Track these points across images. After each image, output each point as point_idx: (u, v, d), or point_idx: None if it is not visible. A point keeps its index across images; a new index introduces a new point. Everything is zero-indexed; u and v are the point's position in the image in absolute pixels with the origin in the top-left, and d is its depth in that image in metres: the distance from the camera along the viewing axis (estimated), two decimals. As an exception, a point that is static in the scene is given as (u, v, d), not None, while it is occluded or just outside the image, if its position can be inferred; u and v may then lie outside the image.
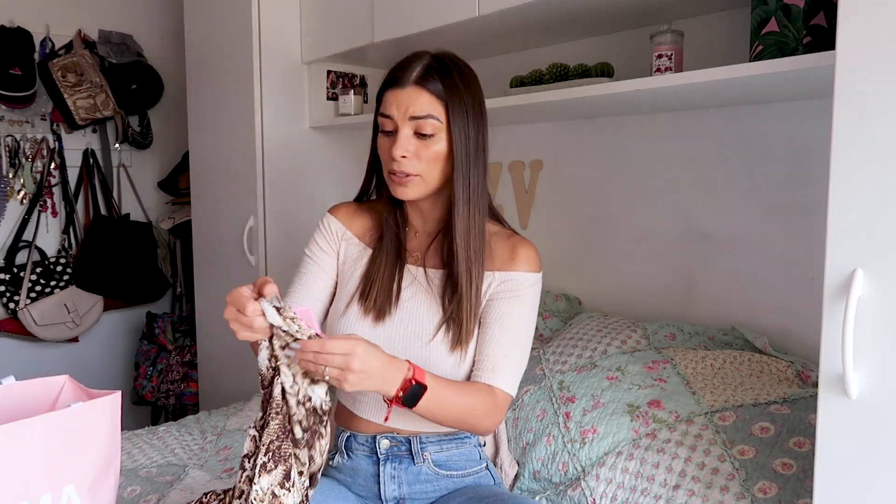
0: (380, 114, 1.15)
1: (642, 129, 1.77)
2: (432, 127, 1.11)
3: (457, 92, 1.12)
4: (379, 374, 0.97)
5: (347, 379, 0.94)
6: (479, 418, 1.11)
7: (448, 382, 1.07)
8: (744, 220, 1.59)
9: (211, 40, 2.33)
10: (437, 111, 1.10)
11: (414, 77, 1.11)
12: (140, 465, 1.60)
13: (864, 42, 0.87)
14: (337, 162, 2.39)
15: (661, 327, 1.61)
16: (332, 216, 1.30)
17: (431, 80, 1.11)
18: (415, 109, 1.10)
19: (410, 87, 1.11)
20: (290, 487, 0.96)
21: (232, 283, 2.40)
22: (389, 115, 1.13)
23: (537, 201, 2.03)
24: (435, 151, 1.12)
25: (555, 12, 1.62)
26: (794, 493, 1.11)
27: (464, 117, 1.12)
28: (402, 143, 1.11)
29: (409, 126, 1.11)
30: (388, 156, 1.14)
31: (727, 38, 1.55)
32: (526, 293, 1.17)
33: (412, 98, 1.10)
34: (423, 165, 1.12)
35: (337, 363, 0.93)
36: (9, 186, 2.66)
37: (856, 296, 0.88)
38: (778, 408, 1.27)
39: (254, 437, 0.98)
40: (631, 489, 1.25)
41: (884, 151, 0.86)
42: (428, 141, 1.11)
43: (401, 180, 1.13)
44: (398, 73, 1.13)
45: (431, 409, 1.04)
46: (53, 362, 2.80)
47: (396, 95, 1.12)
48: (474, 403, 1.09)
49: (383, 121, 1.14)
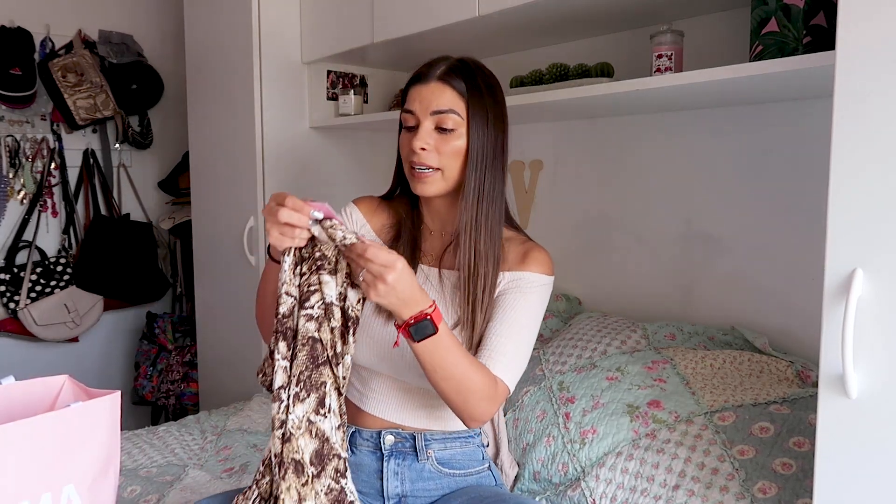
0: (404, 109, 1.17)
1: (642, 129, 1.77)
2: (453, 122, 1.13)
3: (478, 91, 1.14)
4: (404, 296, 0.98)
5: (377, 287, 0.96)
6: (476, 398, 1.08)
7: (461, 346, 1.06)
8: (744, 219, 1.59)
9: (211, 40, 2.33)
10: (458, 107, 1.13)
11: (438, 74, 1.14)
12: (140, 465, 1.60)
13: (864, 42, 0.87)
14: (337, 162, 2.39)
15: (661, 327, 1.61)
16: (356, 207, 1.30)
17: (455, 78, 1.14)
18: (437, 104, 1.13)
19: (434, 83, 1.14)
20: (325, 413, 0.99)
21: (232, 283, 2.41)
22: (412, 111, 1.15)
23: (537, 201, 2.03)
24: (455, 147, 1.14)
25: (555, 12, 1.62)
26: (793, 493, 1.11)
27: (484, 116, 1.14)
28: (423, 136, 1.13)
29: (431, 120, 1.13)
30: (409, 150, 1.15)
31: (727, 38, 1.55)
32: (534, 292, 1.17)
33: (435, 93, 1.13)
34: (443, 160, 1.14)
35: (374, 271, 0.95)
36: (9, 186, 2.66)
37: (856, 296, 0.88)
38: (778, 408, 1.27)
39: (285, 368, 0.99)
40: (630, 489, 1.25)
41: (884, 151, 0.86)
42: (448, 136, 1.13)
43: (421, 175, 1.14)
44: (423, 69, 1.17)
45: (433, 359, 1.02)
46: (53, 362, 2.80)
47: (420, 91, 1.15)
48: (476, 380, 1.07)
49: (406, 116, 1.17)
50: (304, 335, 0.99)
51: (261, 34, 2.14)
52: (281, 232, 0.98)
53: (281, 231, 0.98)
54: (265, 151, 2.19)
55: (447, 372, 1.04)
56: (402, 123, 1.18)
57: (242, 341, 2.33)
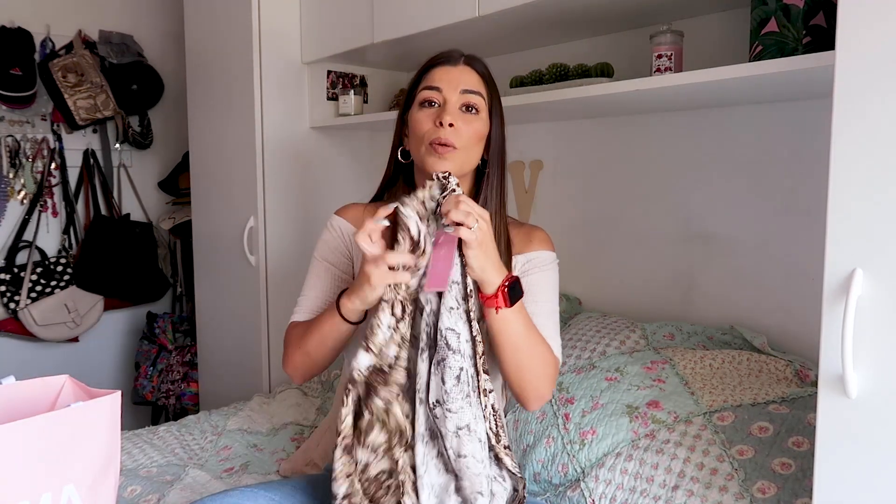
0: (426, 87, 1.17)
1: (642, 129, 1.77)
2: (478, 103, 1.15)
3: (492, 83, 1.20)
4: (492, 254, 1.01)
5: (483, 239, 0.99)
6: (548, 370, 1.11)
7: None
8: (743, 220, 1.59)
9: (211, 40, 2.33)
10: (483, 91, 1.17)
11: (463, 58, 1.18)
12: (140, 465, 1.60)
13: (864, 42, 0.87)
14: (337, 162, 2.39)
15: (660, 327, 1.61)
16: (341, 218, 1.28)
17: (478, 63, 1.20)
18: (466, 83, 1.15)
19: (461, 65, 1.18)
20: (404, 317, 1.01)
21: (232, 283, 2.41)
22: (438, 87, 1.15)
23: (537, 201, 2.03)
24: (477, 129, 1.15)
25: (555, 12, 1.62)
26: (792, 493, 1.11)
27: (498, 104, 1.20)
28: (452, 112, 1.13)
29: (459, 99, 1.15)
30: (431, 126, 1.14)
31: (727, 38, 1.55)
32: (550, 269, 1.22)
33: (464, 74, 1.17)
34: (465, 140, 1.14)
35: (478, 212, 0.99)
36: (9, 186, 2.66)
37: (855, 296, 0.88)
38: (777, 407, 1.27)
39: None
40: (630, 490, 1.25)
41: (884, 151, 0.86)
42: (472, 117, 1.15)
43: (442, 151, 1.12)
44: (445, 55, 1.19)
45: (519, 325, 1.05)
46: (53, 362, 2.80)
47: (448, 71, 1.17)
48: (548, 353, 1.12)
49: (429, 94, 1.16)
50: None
51: (261, 34, 2.14)
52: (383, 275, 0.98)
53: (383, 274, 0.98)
54: (265, 151, 2.19)
55: (529, 339, 1.07)
56: (421, 100, 1.16)
57: (242, 341, 2.33)
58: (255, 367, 2.28)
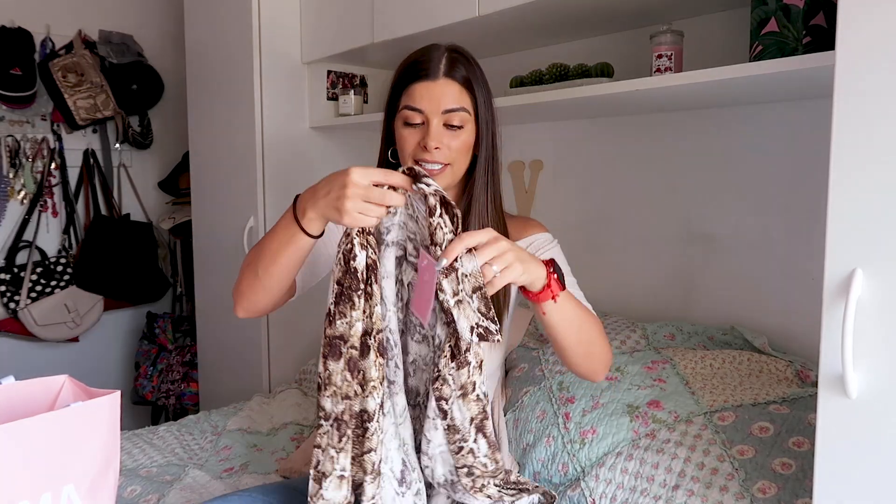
0: (407, 107, 1.14)
1: (642, 129, 1.77)
2: (461, 119, 1.13)
3: (478, 80, 1.16)
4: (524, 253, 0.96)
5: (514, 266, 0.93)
6: (604, 334, 1.12)
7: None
8: (743, 220, 1.59)
9: (211, 40, 2.33)
10: (466, 103, 1.14)
11: (443, 69, 1.13)
12: (140, 465, 1.60)
13: (864, 42, 0.87)
14: (337, 162, 2.38)
15: (661, 327, 1.61)
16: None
17: (458, 70, 1.13)
18: (447, 102, 1.12)
19: (442, 80, 1.13)
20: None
21: (232, 283, 2.40)
22: (419, 109, 1.13)
23: (537, 201, 2.03)
24: (464, 141, 1.14)
25: (555, 12, 1.62)
26: (793, 493, 1.11)
27: (484, 103, 1.16)
28: (436, 135, 1.12)
29: (442, 119, 1.13)
30: (417, 147, 1.14)
31: (727, 38, 1.55)
32: (553, 246, 1.25)
33: (444, 90, 1.12)
34: (453, 155, 1.14)
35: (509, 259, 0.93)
36: (9, 186, 2.66)
37: (855, 296, 0.88)
38: (777, 407, 1.27)
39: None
40: (630, 489, 1.25)
41: (884, 151, 0.86)
42: (457, 132, 1.14)
43: (431, 172, 1.12)
44: (424, 65, 1.13)
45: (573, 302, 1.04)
46: (53, 362, 2.80)
47: (428, 88, 1.13)
48: (596, 318, 1.12)
49: (411, 114, 1.14)
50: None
51: (261, 34, 2.14)
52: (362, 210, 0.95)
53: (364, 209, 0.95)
54: (265, 151, 2.19)
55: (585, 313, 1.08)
56: (405, 119, 1.15)
57: (242, 341, 2.33)
58: (255, 367, 2.28)
